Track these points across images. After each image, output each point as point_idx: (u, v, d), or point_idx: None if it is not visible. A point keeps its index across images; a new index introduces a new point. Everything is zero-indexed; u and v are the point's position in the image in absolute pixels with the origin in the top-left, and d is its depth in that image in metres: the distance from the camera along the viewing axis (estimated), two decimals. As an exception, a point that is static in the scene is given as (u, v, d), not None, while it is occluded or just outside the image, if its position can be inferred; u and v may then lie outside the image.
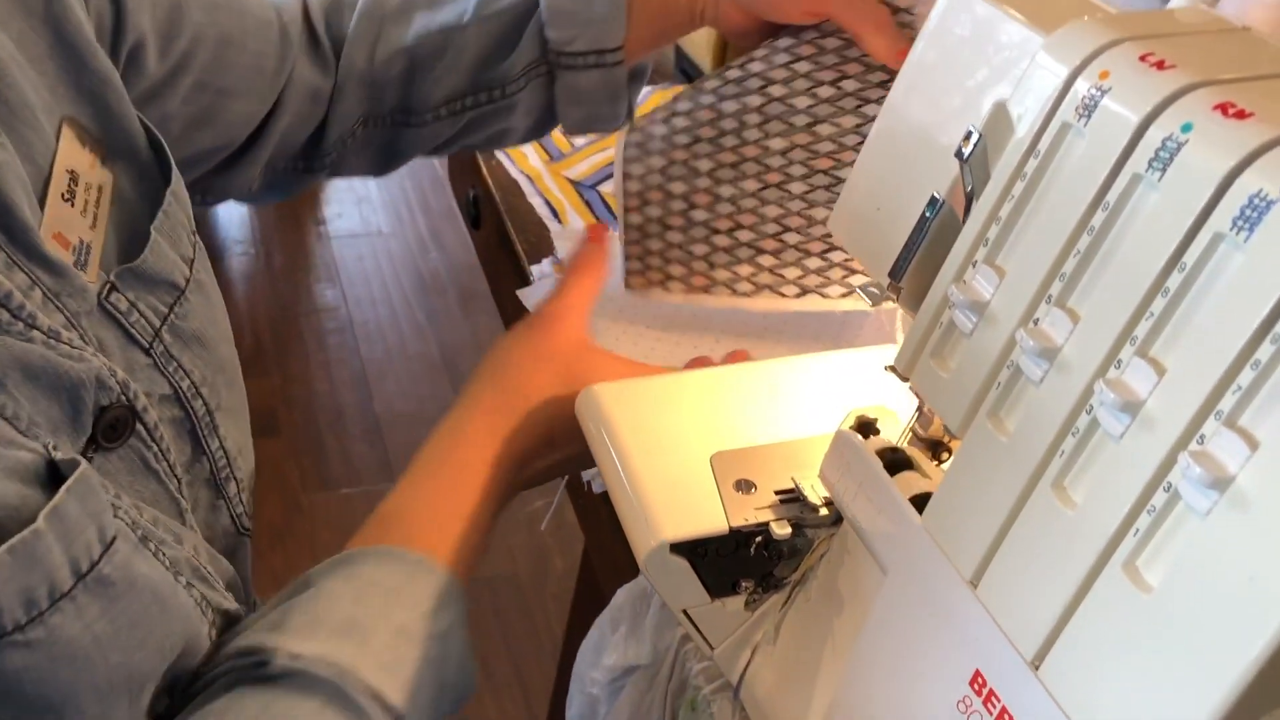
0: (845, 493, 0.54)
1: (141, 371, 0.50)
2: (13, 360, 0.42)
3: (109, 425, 0.46)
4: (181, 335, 0.53)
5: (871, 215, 0.56)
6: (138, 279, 0.51)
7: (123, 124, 0.53)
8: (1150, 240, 0.39)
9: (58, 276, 0.46)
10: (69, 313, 0.46)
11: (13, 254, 0.44)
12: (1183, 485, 0.37)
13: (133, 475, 0.49)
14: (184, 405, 0.52)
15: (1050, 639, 0.42)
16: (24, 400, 0.42)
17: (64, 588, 0.39)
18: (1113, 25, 0.44)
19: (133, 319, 0.50)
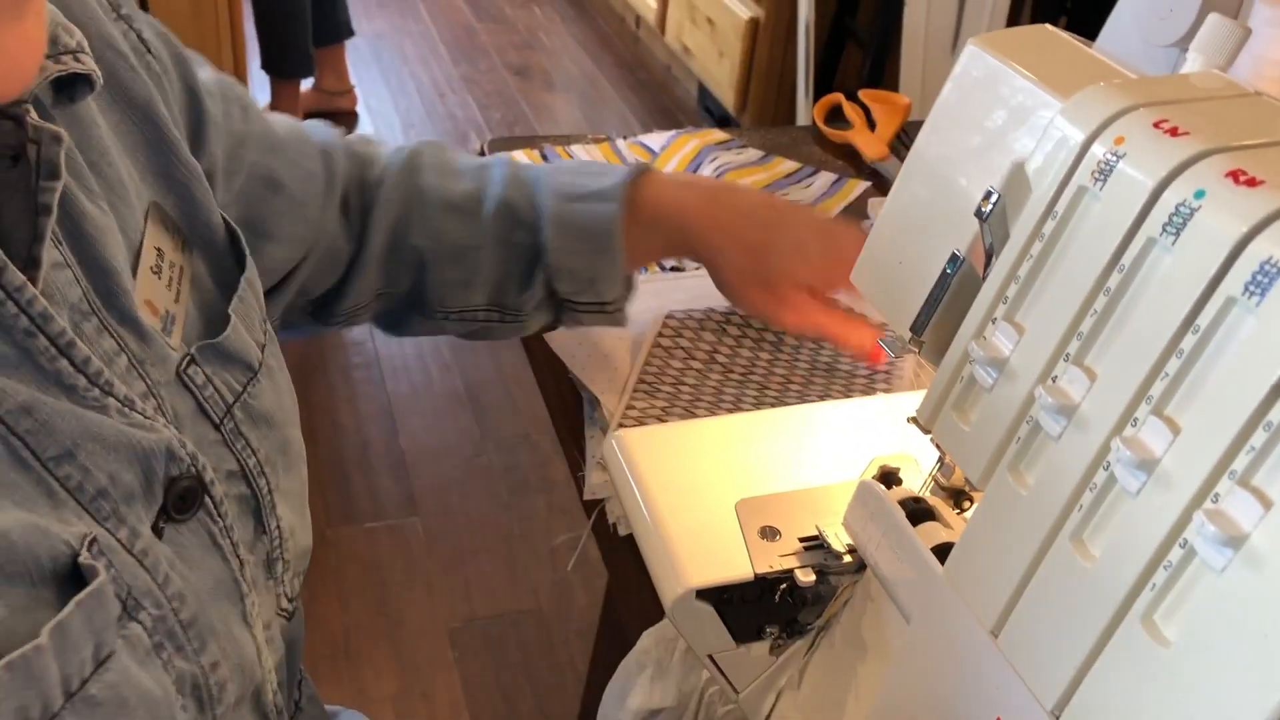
0: (868, 541, 0.55)
1: (210, 447, 0.51)
2: (85, 429, 0.42)
3: (179, 496, 0.47)
4: (251, 414, 0.53)
5: (894, 269, 0.58)
6: (217, 355, 0.52)
7: (204, 216, 0.55)
8: (1165, 303, 0.40)
9: (144, 343, 0.47)
10: (150, 380, 0.47)
11: (106, 318, 0.46)
12: (1198, 542, 0.38)
13: (202, 552, 0.49)
14: (250, 483, 0.53)
15: (1070, 690, 0.43)
16: (96, 470, 0.43)
17: (54, 708, 0.38)
18: (1128, 91, 0.45)
19: (208, 393, 0.51)
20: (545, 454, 2.21)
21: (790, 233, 0.78)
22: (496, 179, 0.77)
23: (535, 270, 0.75)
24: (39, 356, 0.42)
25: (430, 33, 3.87)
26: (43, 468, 0.41)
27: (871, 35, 2.56)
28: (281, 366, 0.58)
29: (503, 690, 1.79)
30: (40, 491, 0.41)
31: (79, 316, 0.44)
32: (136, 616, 0.43)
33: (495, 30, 3.94)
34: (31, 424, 0.41)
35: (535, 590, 1.94)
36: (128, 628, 0.43)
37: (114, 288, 0.46)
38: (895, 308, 0.57)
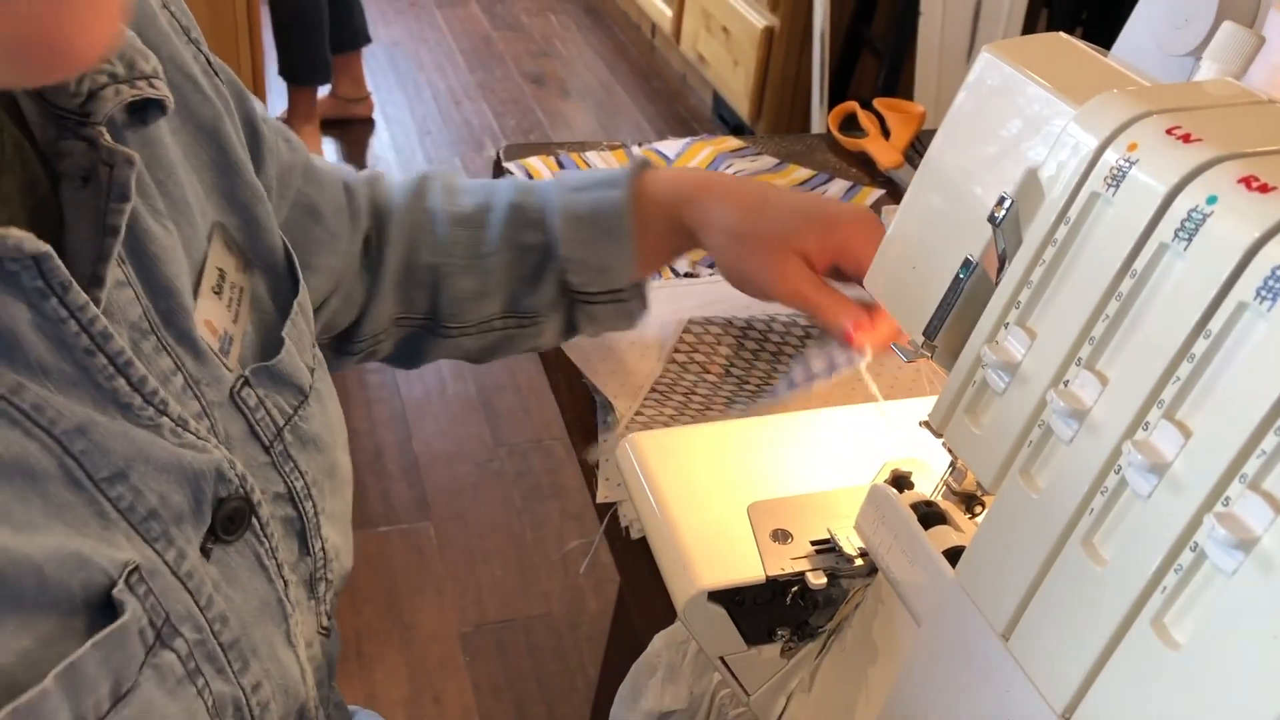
0: (880, 545, 0.55)
1: (259, 469, 0.51)
2: (138, 450, 0.43)
3: (227, 517, 0.47)
4: (301, 437, 0.54)
5: (907, 274, 0.58)
6: (270, 378, 0.53)
7: (266, 237, 0.56)
8: (1176, 308, 0.41)
9: (201, 363, 0.48)
10: (205, 401, 0.48)
11: (164, 337, 0.46)
12: (1209, 545, 0.38)
13: (249, 573, 0.49)
14: (296, 505, 0.53)
15: (1080, 692, 0.43)
16: (147, 491, 0.43)
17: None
18: (1142, 98, 0.46)
19: (259, 416, 0.51)
20: (558, 459, 2.21)
21: (790, 198, 0.76)
22: (504, 189, 0.78)
23: (546, 267, 0.75)
24: (97, 375, 0.42)
25: (446, 40, 3.89)
26: (95, 488, 0.41)
27: (887, 44, 2.57)
28: (331, 392, 0.58)
29: (514, 695, 1.79)
30: (92, 512, 0.41)
31: (138, 335, 0.45)
32: (171, 644, 0.43)
33: (511, 38, 3.96)
34: (86, 444, 0.41)
35: (547, 595, 1.95)
36: (159, 656, 0.43)
37: (174, 307, 0.47)
38: (909, 312, 0.57)
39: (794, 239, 0.72)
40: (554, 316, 0.78)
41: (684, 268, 1.07)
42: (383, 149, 3.19)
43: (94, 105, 0.44)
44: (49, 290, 0.40)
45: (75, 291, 0.41)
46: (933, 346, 0.54)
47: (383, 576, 1.96)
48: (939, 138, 0.57)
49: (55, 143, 0.44)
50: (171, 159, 0.50)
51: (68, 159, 0.44)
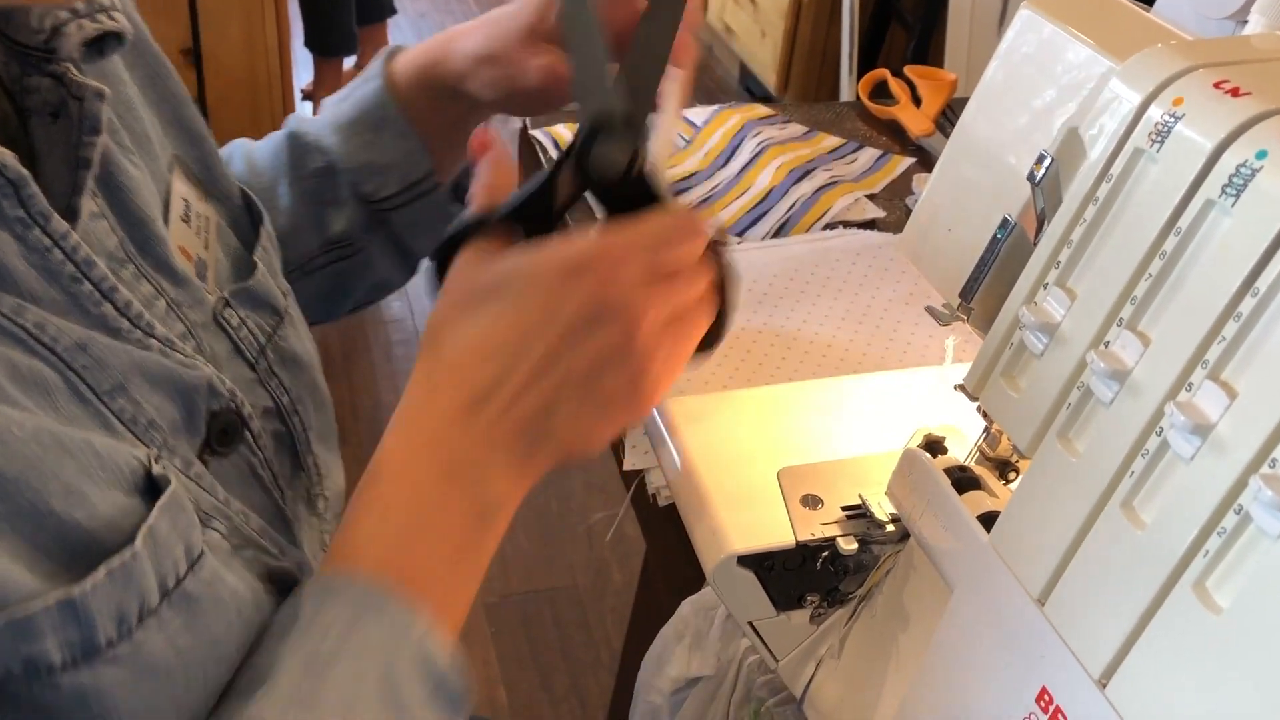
0: (912, 510, 0.54)
1: (246, 385, 0.52)
2: (133, 365, 0.44)
3: (221, 430, 0.49)
4: (282, 355, 0.55)
5: (942, 236, 0.57)
6: (248, 298, 0.54)
7: (218, 170, 0.57)
8: (1223, 265, 0.40)
9: (181, 287, 0.49)
10: (189, 323, 0.49)
11: (142, 265, 0.48)
12: (1254, 508, 0.37)
13: (244, 485, 0.51)
14: (284, 420, 0.55)
15: (1118, 657, 0.42)
16: (145, 403, 0.44)
17: (152, 605, 0.40)
18: (1186, 52, 0.44)
19: (242, 334, 0.53)
20: (583, 432, 2.21)
21: None
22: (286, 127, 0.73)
23: (338, 186, 0.70)
24: (84, 301, 0.43)
25: (472, 10, 3.87)
26: (99, 400, 0.43)
27: (917, 13, 2.54)
28: (301, 318, 0.59)
29: (538, 666, 1.80)
30: (98, 424, 0.42)
31: (116, 264, 0.46)
32: (210, 525, 0.45)
33: (536, 10, 3.94)
34: (87, 360, 0.42)
35: (571, 567, 1.95)
36: (207, 534, 0.44)
37: (149, 235, 0.48)
38: (944, 275, 0.56)
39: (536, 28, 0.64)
40: (373, 240, 0.72)
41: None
42: (408, 121, 3.18)
43: (58, 41, 0.45)
44: (30, 220, 0.41)
45: (56, 220, 0.42)
46: (969, 309, 0.54)
47: (408, 547, 1.97)
48: (977, 95, 0.56)
49: (20, 79, 0.45)
50: (129, 95, 0.51)
51: (35, 95, 0.45)
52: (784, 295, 0.96)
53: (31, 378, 0.40)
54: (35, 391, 0.40)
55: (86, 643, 0.38)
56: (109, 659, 0.38)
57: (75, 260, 0.43)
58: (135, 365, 0.44)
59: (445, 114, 0.68)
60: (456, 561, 0.47)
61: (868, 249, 1.03)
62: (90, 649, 0.38)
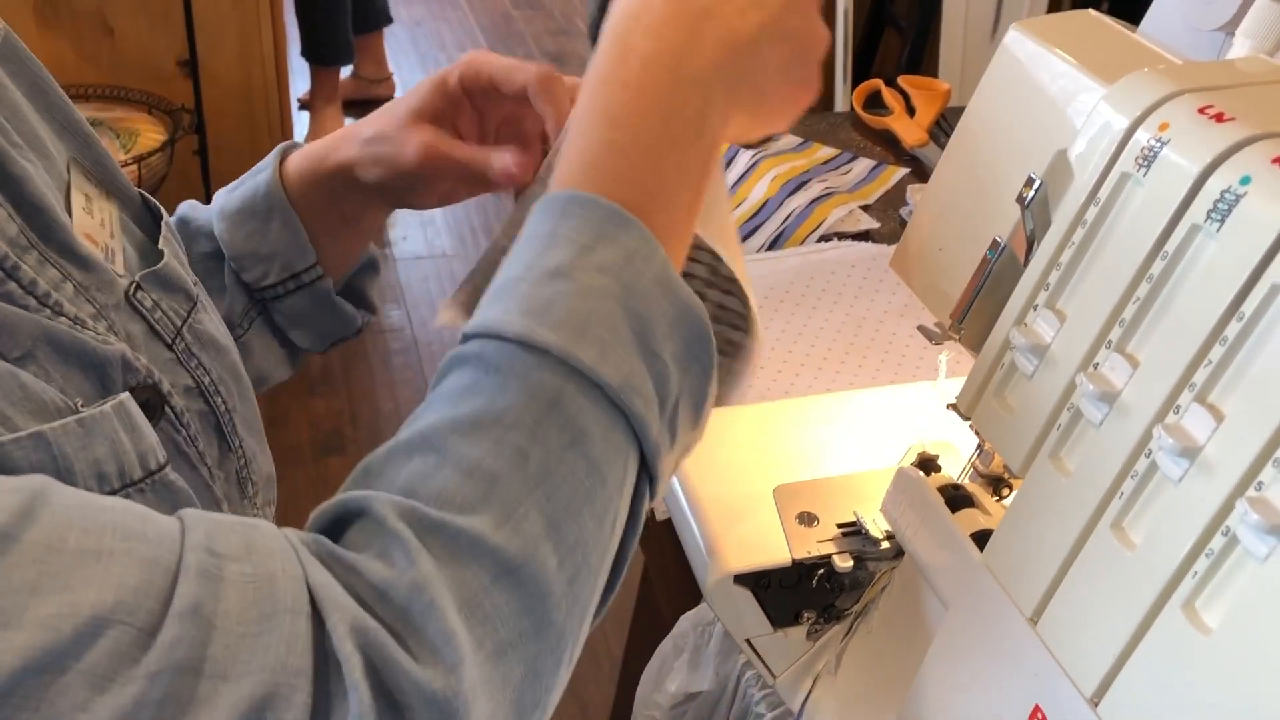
0: (907, 528, 0.55)
1: (165, 365, 0.53)
2: (42, 333, 0.44)
3: (140, 405, 0.48)
4: (200, 337, 0.56)
5: (934, 256, 0.58)
6: (159, 281, 0.54)
7: (113, 170, 0.58)
8: (1209, 289, 0.40)
9: (88, 271, 0.49)
10: (99, 304, 0.49)
11: (45, 251, 0.48)
12: (1241, 530, 0.38)
13: (170, 460, 0.50)
14: (207, 399, 0.55)
15: (1110, 676, 0.43)
16: (55, 374, 0.44)
17: (133, 475, 0.41)
18: (1173, 76, 0.45)
19: (156, 316, 0.53)
20: (581, 440, 2.21)
21: None
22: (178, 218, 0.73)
23: (223, 274, 0.71)
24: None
25: (468, 19, 3.88)
26: (11, 365, 0.42)
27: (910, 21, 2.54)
28: (214, 308, 0.60)
29: (539, 674, 1.80)
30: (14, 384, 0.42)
31: (19, 251, 0.46)
32: None
33: (532, 17, 3.95)
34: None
35: (571, 575, 1.95)
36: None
37: (50, 222, 0.48)
38: (936, 294, 0.56)
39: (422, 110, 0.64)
40: (255, 330, 0.73)
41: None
42: (405, 130, 3.19)
43: None
44: None
45: None
46: (960, 329, 0.54)
47: (408, 556, 1.97)
48: (966, 117, 0.56)
49: None
50: (15, 99, 0.52)
51: None
52: (779, 308, 0.96)
53: None
54: None
55: None
56: None
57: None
58: (45, 335, 0.44)
59: (336, 207, 0.69)
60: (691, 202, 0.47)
61: (862, 261, 1.03)
62: None
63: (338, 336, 0.75)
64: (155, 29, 2.21)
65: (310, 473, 2.08)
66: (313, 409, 2.21)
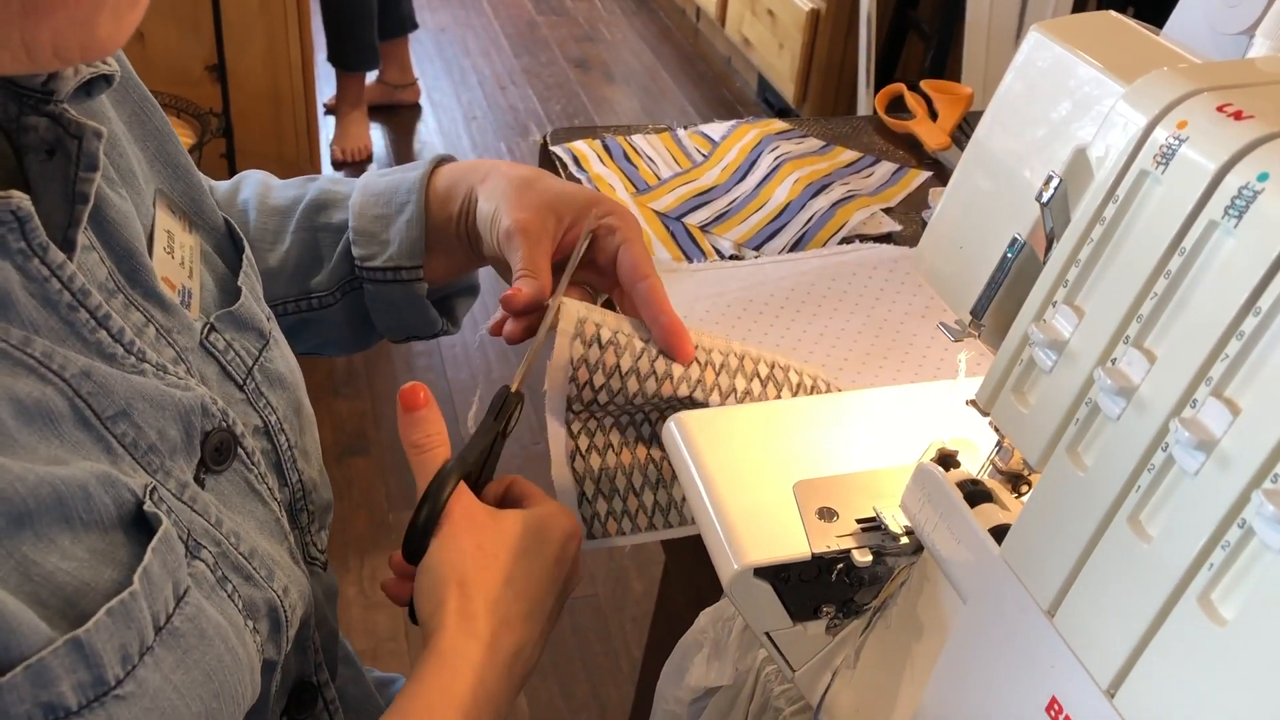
0: (926, 523, 0.55)
1: (236, 405, 0.55)
2: (133, 390, 0.46)
3: (215, 449, 0.51)
4: (269, 376, 0.58)
5: (954, 253, 0.58)
6: (233, 322, 0.56)
7: (205, 201, 0.61)
8: (1226, 285, 0.41)
9: (170, 314, 0.52)
10: (179, 348, 0.52)
11: (131, 295, 0.50)
12: (1257, 522, 0.38)
13: (243, 498, 0.53)
14: (272, 438, 0.57)
15: (1126, 668, 0.43)
16: (146, 427, 0.47)
17: (148, 642, 0.42)
18: (1191, 75, 0.45)
19: (229, 357, 0.56)
20: (603, 443, 2.22)
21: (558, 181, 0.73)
22: (322, 180, 0.78)
23: (338, 244, 0.75)
24: (81, 329, 0.45)
25: (492, 26, 3.90)
26: (103, 426, 0.45)
27: (934, 26, 2.54)
28: (284, 340, 0.62)
29: (559, 675, 1.81)
30: (100, 449, 0.45)
31: (106, 294, 0.48)
32: (199, 555, 0.47)
33: (556, 23, 3.97)
34: (92, 387, 0.44)
35: (592, 577, 1.96)
36: (193, 566, 0.47)
37: (136, 266, 0.50)
38: (956, 291, 0.57)
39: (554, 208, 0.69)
40: (340, 300, 0.76)
41: (729, 249, 1.08)
42: (429, 135, 3.21)
43: (56, 84, 0.47)
44: (30, 251, 0.43)
45: (54, 251, 0.44)
46: (980, 325, 0.55)
47: (430, 557, 1.98)
48: (987, 118, 0.57)
49: (18, 119, 0.47)
50: (116, 131, 0.54)
51: (31, 133, 0.47)
52: (801, 309, 0.97)
53: (38, 409, 0.42)
54: (40, 421, 0.42)
55: (98, 682, 0.40)
56: (119, 697, 0.40)
57: (72, 290, 0.45)
58: (135, 390, 0.46)
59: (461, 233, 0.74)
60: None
61: (884, 263, 1.04)
62: (101, 688, 0.40)
63: (415, 333, 0.79)
64: (185, 34, 2.24)
65: (334, 473, 2.10)
66: (336, 410, 2.23)
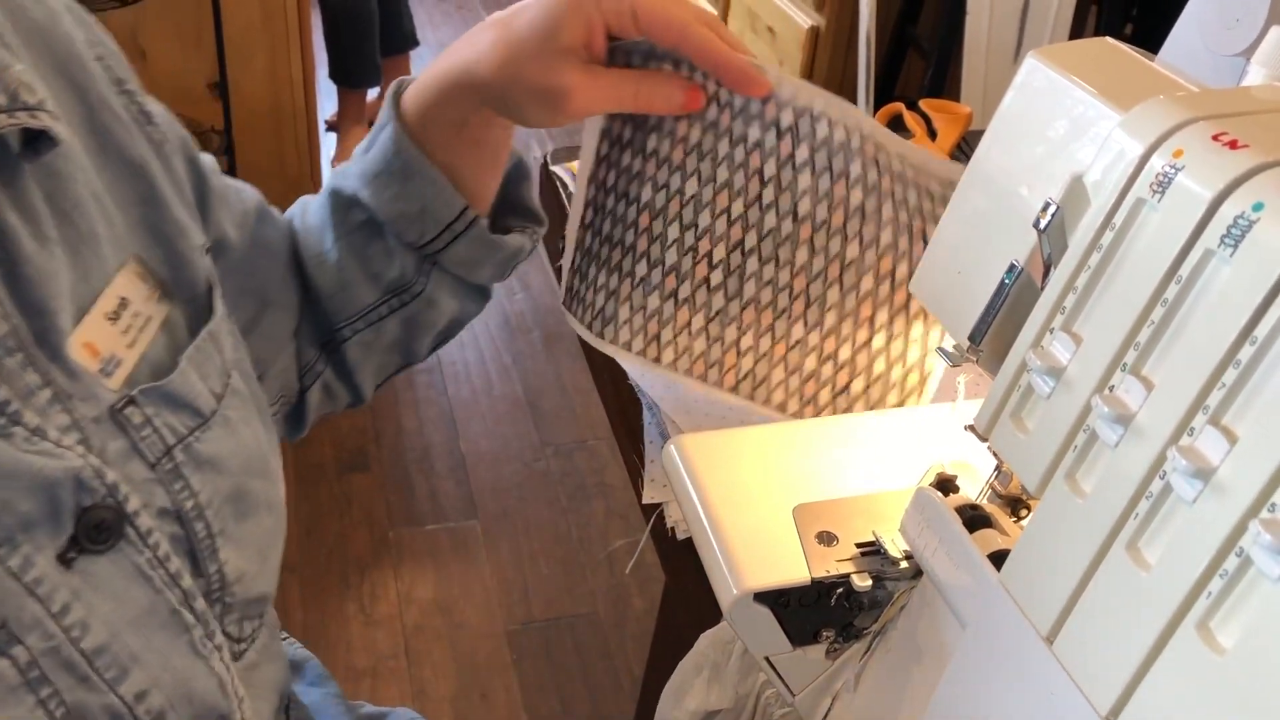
0: (925, 548, 0.55)
1: (141, 484, 0.51)
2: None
3: (93, 526, 0.47)
4: (196, 457, 0.54)
5: (952, 278, 0.58)
6: (162, 398, 0.53)
7: (189, 271, 0.57)
8: (1222, 313, 0.41)
9: (74, 380, 0.49)
10: (75, 415, 0.49)
11: (34, 354, 0.47)
12: (1254, 551, 0.38)
13: (126, 582, 0.49)
14: (184, 524, 0.53)
15: (1125, 696, 0.43)
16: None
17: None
18: (1187, 104, 0.46)
19: (145, 433, 0.52)
20: (603, 459, 2.22)
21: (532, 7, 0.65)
22: (328, 183, 0.74)
23: (384, 237, 0.71)
24: None
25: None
26: None
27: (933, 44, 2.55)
28: (246, 420, 0.58)
29: (560, 692, 1.81)
30: None
31: (2, 351, 0.46)
32: (8, 651, 0.43)
33: (557, 39, 3.98)
34: None
35: (593, 594, 1.96)
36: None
37: (47, 327, 0.48)
38: (954, 316, 0.57)
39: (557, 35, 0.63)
40: (431, 280, 0.73)
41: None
42: (430, 151, 3.22)
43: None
44: None
45: None
46: (978, 351, 0.55)
47: (431, 574, 1.98)
48: (984, 142, 0.57)
49: None
50: (80, 192, 0.51)
51: None
52: (801, 329, 0.97)
53: None
54: None
55: None
56: None
57: None
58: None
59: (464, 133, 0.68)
60: None
61: (883, 282, 1.04)
62: None
63: (514, 263, 0.74)
64: (187, 52, 2.25)
65: (334, 489, 2.10)
66: (337, 426, 2.23)
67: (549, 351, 2.51)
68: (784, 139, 0.62)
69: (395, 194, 0.69)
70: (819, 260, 0.65)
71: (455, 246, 0.70)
